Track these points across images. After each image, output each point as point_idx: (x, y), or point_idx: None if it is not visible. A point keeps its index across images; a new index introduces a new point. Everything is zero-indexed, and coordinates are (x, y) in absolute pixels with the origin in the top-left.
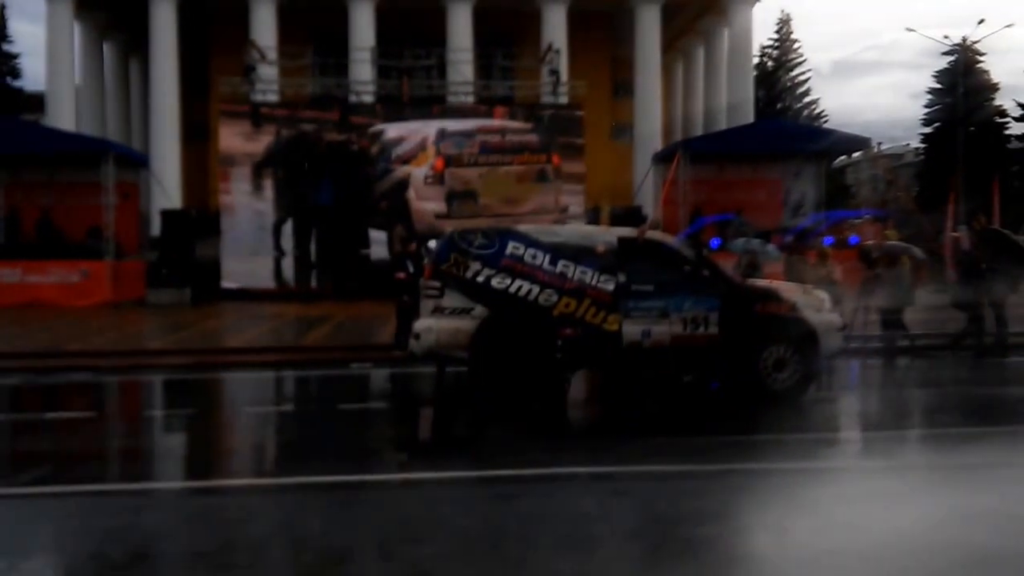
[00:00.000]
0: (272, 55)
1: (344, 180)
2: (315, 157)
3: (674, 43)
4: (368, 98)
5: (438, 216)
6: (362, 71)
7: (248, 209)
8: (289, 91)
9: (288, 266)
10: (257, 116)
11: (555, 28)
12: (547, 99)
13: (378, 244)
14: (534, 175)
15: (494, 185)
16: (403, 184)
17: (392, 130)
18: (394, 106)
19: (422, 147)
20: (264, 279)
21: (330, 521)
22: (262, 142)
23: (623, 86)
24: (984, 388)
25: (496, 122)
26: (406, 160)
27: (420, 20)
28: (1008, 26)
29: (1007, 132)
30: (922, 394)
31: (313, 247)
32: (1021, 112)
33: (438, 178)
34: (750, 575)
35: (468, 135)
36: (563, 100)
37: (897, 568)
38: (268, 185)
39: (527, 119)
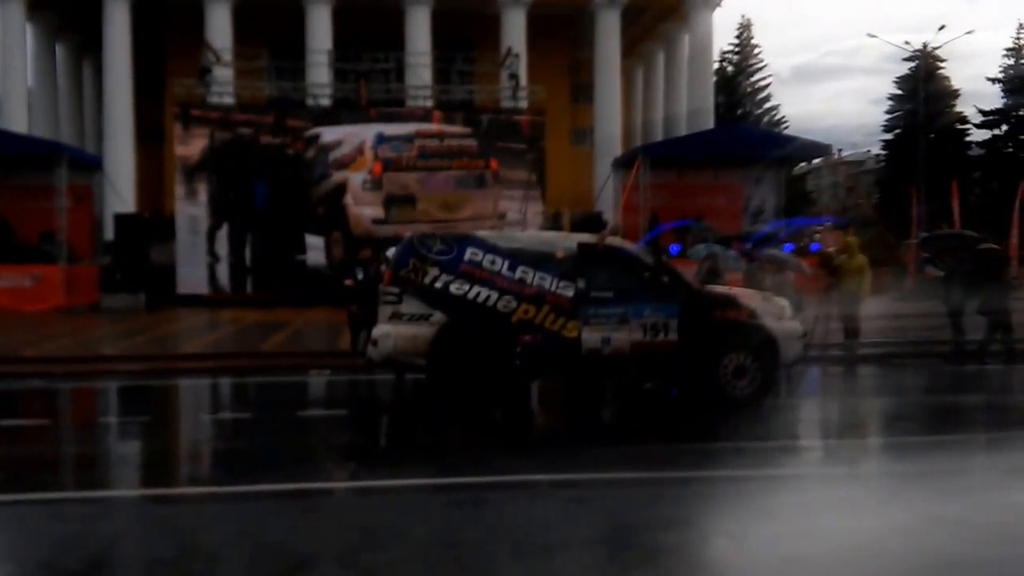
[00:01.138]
0: (228, 57)
1: (280, 184)
2: (250, 161)
3: (634, 48)
4: (325, 101)
5: (375, 221)
6: (319, 74)
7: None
8: (245, 94)
9: (223, 272)
10: (187, 118)
11: (515, 32)
12: (507, 104)
13: (315, 250)
14: (472, 180)
15: (432, 190)
16: (340, 189)
17: (329, 134)
18: (327, 111)
19: (360, 151)
20: (219, 284)
21: (289, 529)
22: (197, 145)
23: (583, 91)
24: (943, 396)
25: (435, 126)
26: (343, 164)
27: (378, 23)
28: (969, 32)
29: (968, 139)
30: (882, 401)
31: (248, 253)
32: (982, 119)
33: (376, 183)
34: None
35: (406, 139)
36: (523, 104)
37: (860, 574)
38: (202, 189)
39: (466, 124)
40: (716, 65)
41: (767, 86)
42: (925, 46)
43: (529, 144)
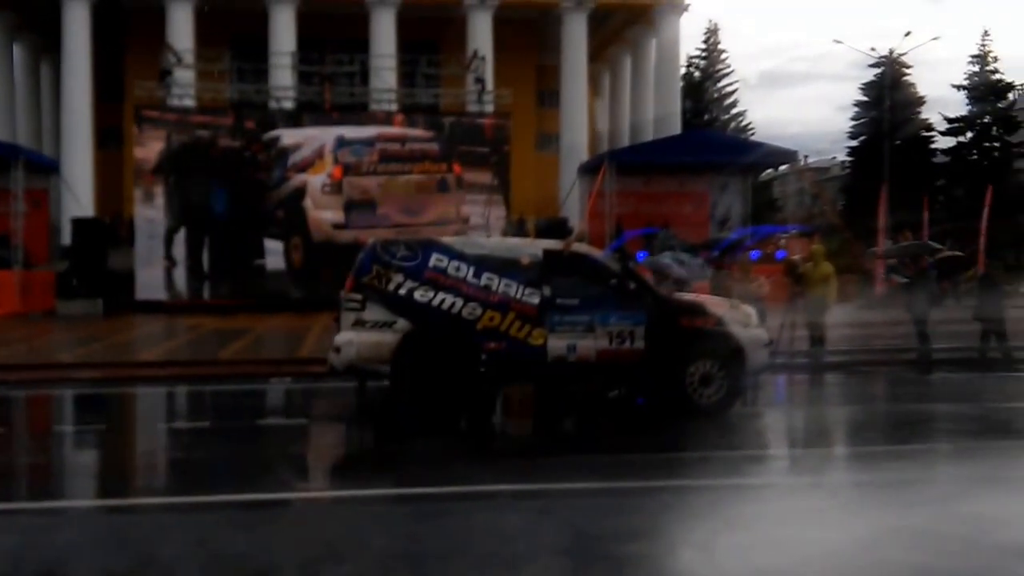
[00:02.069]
0: (189, 59)
1: (239, 188)
2: (208, 164)
3: (601, 52)
4: (288, 104)
5: (336, 226)
6: (282, 76)
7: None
8: (206, 96)
9: (180, 277)
10: (143, 120)
11: (481, 35)
12: (472, 107)
13: (274, 255)
14: (435, 184)
15: (394, 195)
16: (300, 193)
17: (288, 137)
18: (288, 113)
19: (319, 155)
20: (176, 289)
21: (247, 541)
22: (155, 148)
23: (549, 95)
24: (909, 404)
25: (396, 130)
26: (303, 168)
27: (343, 25)
28: (934, 39)
29: (933, 146)
30: (848, 410)
31: (206, 257)
32: (947, 126)
33: (336, 187)
34: None
35: (367, 143)
36: (488, 108)
37: None
38: (159, 193)
39: (428, 127)
40: (683, 70)
41: (734, 92)
42: (891, 52)
43: (493, 148)
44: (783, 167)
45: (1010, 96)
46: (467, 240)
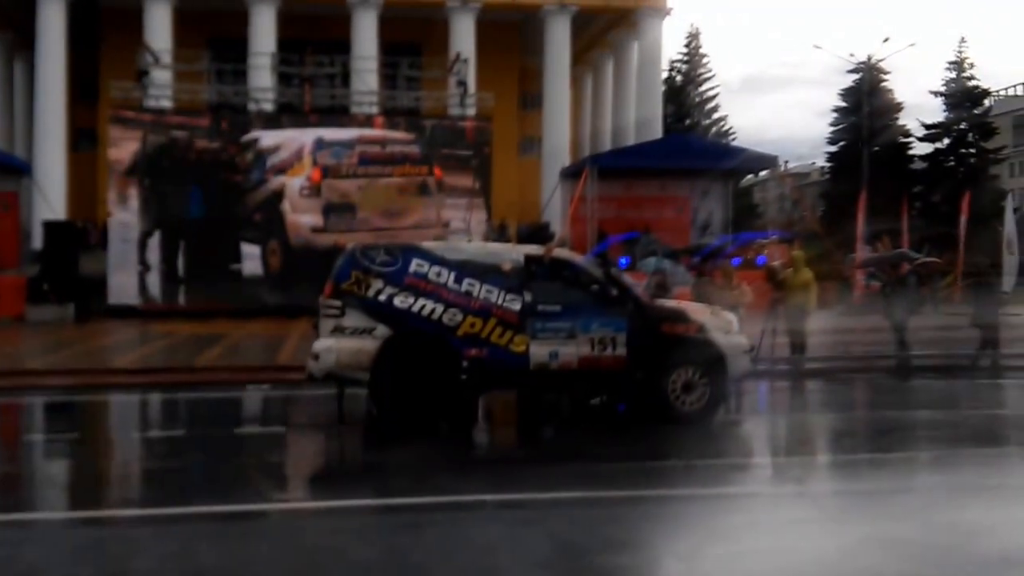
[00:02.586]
0: (167, 59)
1: (215, 190)
2: (184, 165)
3: (584, 56)
4: (267, 106)
5: (314, 230)
6: (262, 78)
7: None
8: (184, 97)
9: (154, 281)
10: (118, 120)
11: (463, 37)
12: (455, 111)
13: (251, 259)
14: (415, 188)
15: (373, 198)
16: (278, 196)
17: (266, 138)
18: (267, 115)
19: (298, 157)
20: (150, 294)
21: (224, 554)
22: (130, 149)
23: (531, 99)
24: (889, 411)
25: (376, 132)
26: (281, 170)
27: (324, 26)
28: (911, 45)
29: (911, 152)
30: (830, 418)
31: (181, 261)
32: (925, 132)
33: (315, 190)
34: None
35: (347, 145)
36: (471, 111)
37: None
38: (133, 195)
39: (409, 130)
40: (665, 75)
41: (715, 96)
42: (869, 59)
43: (474, 151)
44: (764, 172)
45: (986, 103)
46: (448, 245)
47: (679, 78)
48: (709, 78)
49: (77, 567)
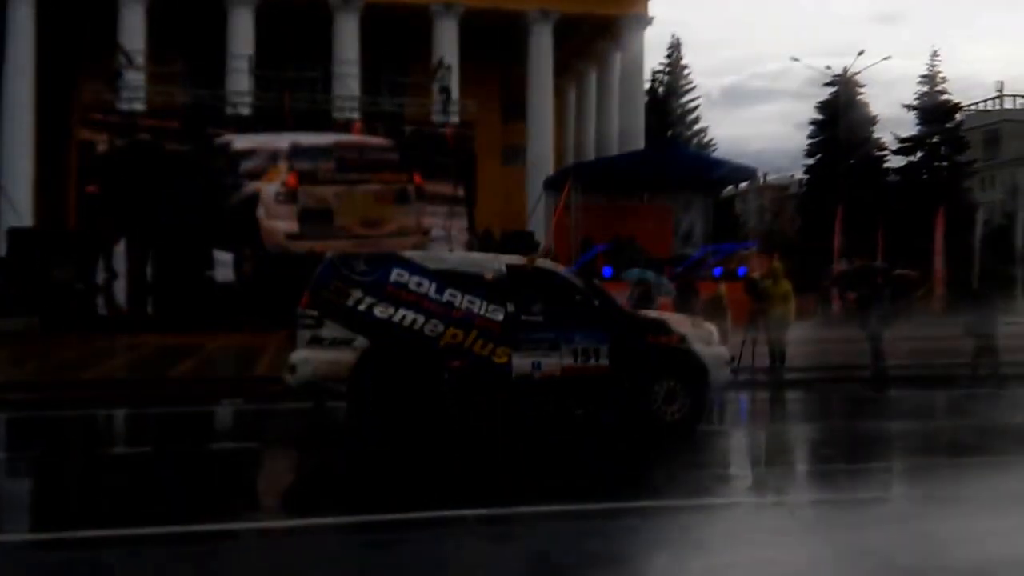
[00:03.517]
0: (141, 61)
1: (185, 195)
2: (152, 169)
3: (567, 66)
4: (245, 110)
5: (290, 236)
6: (239, 81)
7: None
8: (158, 100)
9: (121, 290)
10: (85, 122)
11: (446, 44)
12: (438, 118)
13: (223, 266)
14: (394, 195)
15: (351, 204)
16: (252, 201)
17: (240, 142)
18: (243, 119)
19: (273, 161)
20: (117, 303)
21: (195, 575)
22: (93, 152)
23: (515, 108)
24: (866, 422)
25: (354, 137)
26: (255, 175)
27: (304, 30)
28: (886, 58)
29: (885, 165)
30: (809, 428)
31: (149, 269)
32: (898, 145)
33: (290, 195)
34: None
35: (324, 151)
36: (454, 119)
37: None
38: (99, 200)
39: (388, 136)
40: (647, 85)
41: (697, 107)
42: (845, 72)
43: (455, 158)
44: (744, 184)
45: (957, 116)
46: (429, 255)
47: (661, 89)
48: (690, 89)
49: None
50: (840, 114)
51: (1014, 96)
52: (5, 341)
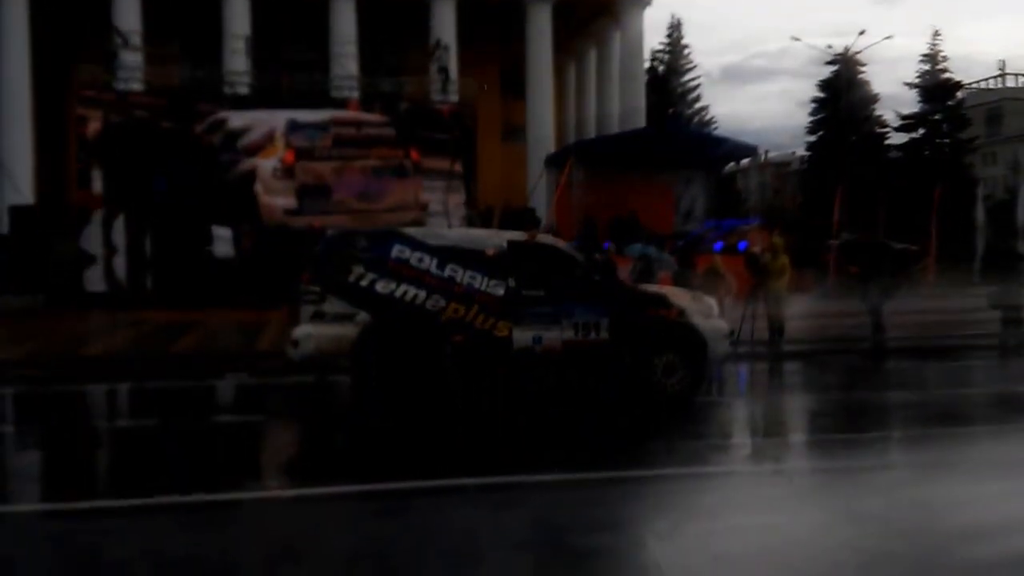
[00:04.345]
0: (137, 41)
1: (182, 171)
2: (148, 145)
3: (567, 45)
4: (243, 90)
5: (288, 212)
6: (236, 62)
7: None
8: (155, 80)
9: (120, 266)
10: (81, 100)
11: (445, 24)
12: (436, 97)
13: (222, 241)
14: (391, 170)
15: (349, 180)
16: (249, 177)
17: (236, 119)
18: (240, 98)
19: (269, 138)
20: (116, 279)
21: (200, 544)
22: (89, 130)
23: (515, 87)
24: (864, 392)
25: (351, 114)
26: (252, 151)
27: (302, 10)
28: (887, 37)
29: (887, 142)
30: (807, 398)
31: (148, 245)
32: (900, 122)
33: (288, 171)
34: None
35: (321, 127)
36: (453, 99)
37: (784, 571)
38: (96, 176)
39: (384, 112)
40: (647, 64)
41: (697, 86)
42: (846, 50)
43: (451, 134)
44: (745, 161)
45: (959, 95)
46: (430, 231)
47: (661, 68)
48: (691, 68)
49: (48, 560)
50: (841, 92)
51: (1016, 74)
52: (9, 318)
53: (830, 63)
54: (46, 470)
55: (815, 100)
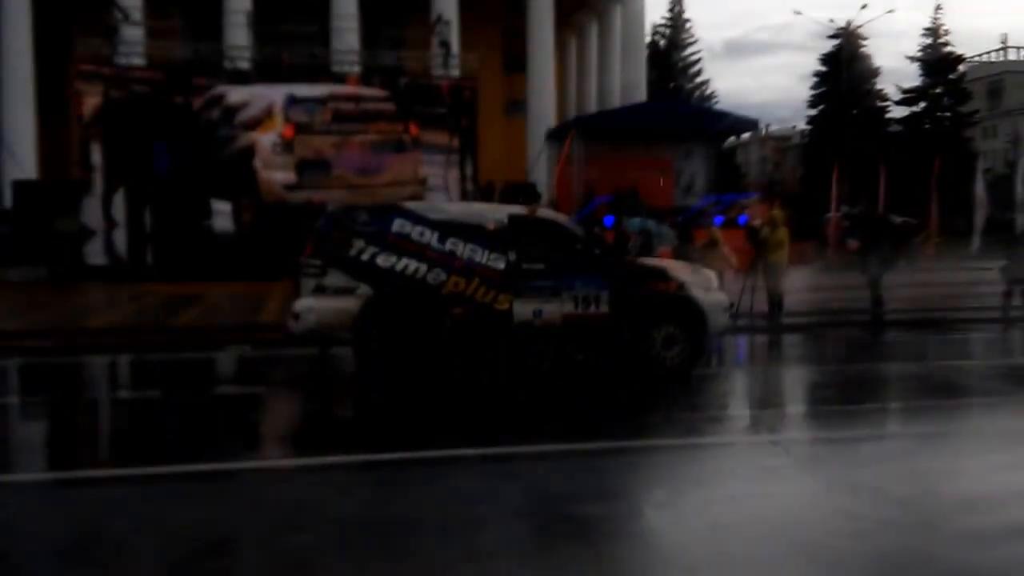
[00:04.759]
0: (137, 16)
1: (181, 146)
2: (147, 120)
3: (568, 19)
4: (244, 64)
5: (288, 187)
6: (237, 36)
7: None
8: (156, 55)
9: (121, 240)
10: (80, 74)
11: None
12: (438, 72)
13: (222, 215)
14: (391, 145)
15: (348, 155)
16: (248, 152)
17: (234, 94)
18: (238, 72)
19: (268, 113)
20: (117, 253)
21: (203, 512)
22: (88, 104)
23: (516, 61)
24: (863, 364)
25: (349, 88)
26: (250, 126)
27: None
28: (889, 12)
29: (888, 116)
30: (805, 371)
31: (148, 219)
32: (901, 96)
33: (287, 146)
34: (639, 552)
35: (319, 101)
36: (454, 73)
37: (780, 538)
38: (96, 151)
39: (383, 87)
40: (649, 39)
41: (698, 61)
42: (848, 24)
43: (451, 109)
44: (746, 135)
45: (960, 68)
46: (431, 205)
47: (663, 43)
48: (692, 43)
49: (53, 527)
50: (843, 66)
51: (1018, 48)
52: (13, 290)
53: (832, 37)
54: (51, 440)
55: (817, 74)
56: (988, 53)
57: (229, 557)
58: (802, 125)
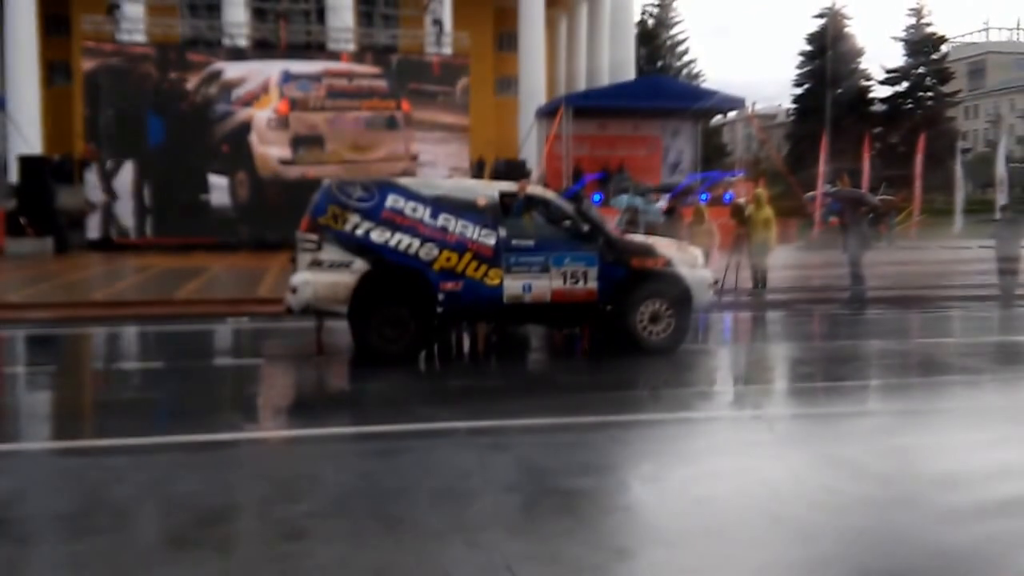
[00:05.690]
0: None
1: (178, 121)
2: (145, 96)
3: None
4: (242, 41)
5: (283, 162)
6: (235, 13)
7: None
8: (157, 31)
9: (123, 212)
10: (82, 51)
11: None
12: (431, 50)
13: (219, 190)
14: (383, 121)
15: (342, 131)
16: (245, 127)
17: (231, 70)
18: (237, 50)
19: (264, 89)
20: (121, 226)
21: (201, 481)
22: (91, 79)
23: (508, 39)
24: (844, 341)
25: (343, 65)
26: (247, 102)
27: None
28: None
29: (871, 95)
30: (788, 347)
31: (147, 192)
32: (885, 76)
33: (282, 122)
34: (624, 524)
35: (314, 78)
36: (447, 51)
37: (762, 512)
38: (97, 125)
39: (375, 64)
40: (637, 18)
41: (685, 40)
42: (833, 3)
43: (443, 86)
44: (732, 113)
45: (943, 49)
46: (424, 181)
47: (651, 21)
48: (679, 22)
49: (54, 495)
50: (828, 46)
51: (1000, 28)
52: (19, 262)
53: (818, 16)
54: (54, 410)
55: (802, 54)
56: (971, 34)
57: (227, 525)
58: (788, 104)
